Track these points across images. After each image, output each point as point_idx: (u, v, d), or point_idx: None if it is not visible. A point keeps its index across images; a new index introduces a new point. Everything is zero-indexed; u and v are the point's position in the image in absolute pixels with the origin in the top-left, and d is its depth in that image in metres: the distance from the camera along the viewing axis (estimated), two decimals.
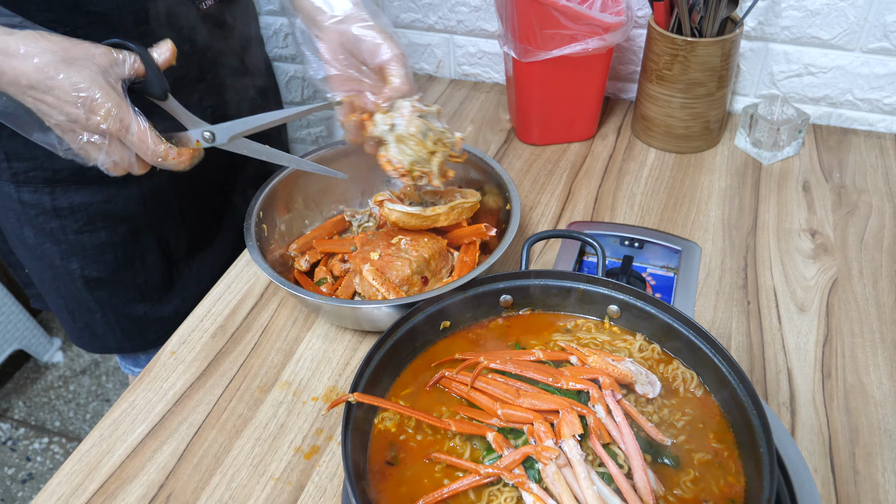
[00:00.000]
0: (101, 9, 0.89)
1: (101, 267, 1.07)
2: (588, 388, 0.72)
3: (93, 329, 1.14)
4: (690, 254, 1.01)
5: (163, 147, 0.78)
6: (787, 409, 0.80)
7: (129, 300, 1.12)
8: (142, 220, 1.06)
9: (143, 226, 1.07)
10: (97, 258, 1.06)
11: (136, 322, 1.14)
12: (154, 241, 1.09)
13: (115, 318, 1.13)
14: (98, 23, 0.89)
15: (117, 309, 1.12)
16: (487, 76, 1.47)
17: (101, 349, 1.19)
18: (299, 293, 0.85)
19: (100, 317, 1.12)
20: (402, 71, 0.85)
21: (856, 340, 0.88)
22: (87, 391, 2.35)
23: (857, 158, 1.19)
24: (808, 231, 1.05)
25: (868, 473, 0.74)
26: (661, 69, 1.14)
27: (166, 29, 0.95)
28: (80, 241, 1.04)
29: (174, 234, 1.12)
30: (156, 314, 1.15)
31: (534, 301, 0.86)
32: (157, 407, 0.87)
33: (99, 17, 0.89)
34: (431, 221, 0.95)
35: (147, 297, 1.13)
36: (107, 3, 0.89)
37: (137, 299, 1.12)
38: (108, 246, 1.05)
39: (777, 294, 0.95)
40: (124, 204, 1.03)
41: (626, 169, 1.20)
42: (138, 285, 1.11)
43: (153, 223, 1.08)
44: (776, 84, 1.26)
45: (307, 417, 0.84)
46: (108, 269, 1.07)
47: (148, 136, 0.76)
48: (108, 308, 1.11)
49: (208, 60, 1.04)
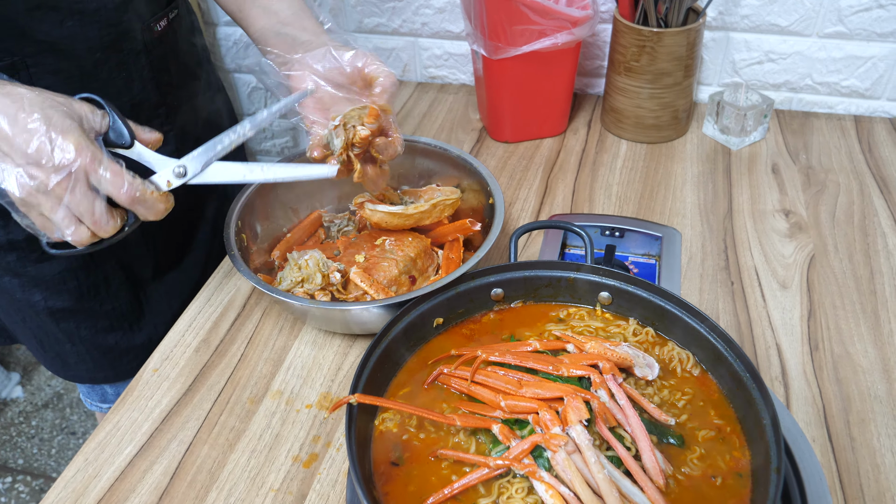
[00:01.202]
0: (51, 38, 0.86)
1: (64, 297, 1.03)
2: (589, 373, 0.72)
3: (64, 359, 1.11)
4: (671, 240, 1.02)
5: (139, 182, 0.71)
6: (780, 384, 0.82)
7: (99, 330, 1.08)
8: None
9: (103, 250, 1.02)
10: (59, 287, 1.02)
11: (108, 352, 1.10)
12: (117, 265, 1.06)
13: (86, 348, 1.09)
14: (48, 51, 0.86)
15: (86, 340, 1.08)
16: (454, 77, 1.47)
17: (75, 378, 1.15)
18: (286, 298, 0.83)
19: (69, 347, 1.08)
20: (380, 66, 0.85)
21: (838, 313, 0.90)
22: (51, 425, 2.26)
23: (821, 140, 1.22)
24: (781, 211, 1.07)
25: (864, 439, 0.76)
26: (629, 61, 1.16)
27: (120, 54, 0.93)
28: (40, 271, 1.00)
29: (138, 258, 1.08)
30: (127, 343, 1.11)
31: (525, 293, 0.86)
32: (143, 426, 0.84)
33: (49, 46, 0.86)
34: (415, 220, 0.95)
35: (117, 325, 1.09)
36: (56, 32, 0.86)
37: (107, 328, 1.08)
38: (69, 273, 1.01)
39: (759, 273, 0.96)
40: None
41: (599, 161, 1.21)
42: (106, 313, 1.07)
43: (114, 248, 1.03)
44: (738, 72, 1.29)
45: (302, 425, 0.82)
46: (72, 298, 1.03)
47: (123, 170, 0.70)
48: (77, 339, 1.08)
49: (165, 84, 1.02)
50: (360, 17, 1.43)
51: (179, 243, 1.16)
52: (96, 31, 0.88)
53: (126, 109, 0.96)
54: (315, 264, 0.89)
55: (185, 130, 1.08)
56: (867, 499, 0.71)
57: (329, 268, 0.90)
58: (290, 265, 0.92)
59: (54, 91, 0.70)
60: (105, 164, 0.69)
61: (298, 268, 0.89)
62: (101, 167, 0.68)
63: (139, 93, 0.98)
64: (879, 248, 0.99)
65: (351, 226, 1.05)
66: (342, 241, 0.98)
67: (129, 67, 0.95)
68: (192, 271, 1.17)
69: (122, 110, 0.86)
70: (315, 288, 0.89)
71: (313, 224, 1.05)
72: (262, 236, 1.01)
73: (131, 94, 0.97)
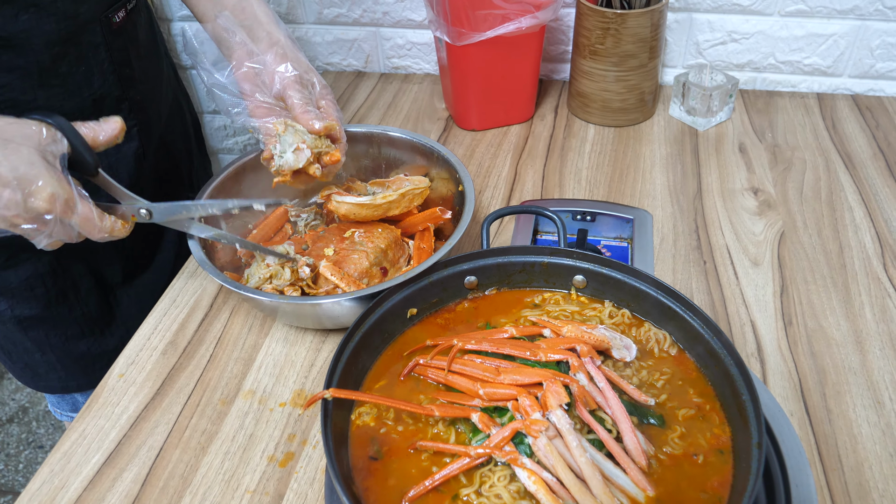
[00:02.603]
0: (6, 33, 0.82)
1: (32, 304, 0.99)
2: (567, 357, 0.71)
3: (34, 369, 1.07)
4: (642, 222, 1.02)
5: (108, 223, 0.74)
6: (756, 360, 0.82)
7: (69, 337, 1.05)
8: (68, 249, 0.99)
9: (70, 255, 1.00)
10: (26, 295, 0.99)
11: (80, 360, 1.07)
12: (85, 268, 1.03)
13: (56, 357, 1.05)
14: (3, 48, 0.83)
15: (56, 348, 1.04)
16: (418, 67, 1.45)
17: (46, 389, 1.12)
18: (255, 296, 0.81)
19: (39, 356, 1.05)
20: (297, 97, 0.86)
21: (810, 287, 0.90)
22: (18, 440, 2.19)
23: (786, 118, 1.23)
24: (750, 190, 1.08)
25: (840, 411, 0.76)
26: (594, 44, 1.15)
27: (79, 48, 0.90)
28: (5, 279, 0.97)
29: (106, 262, 1.05)
30: (99, 349, 1.08)
31: (499, 279, 0.85)
32: (111, 433, 0.81)
33: (4, 42, 0.83)
34: (384, 210, 0.93)
35: (87, 331, 1.06)
36: (11, 27, 0.82)
37: (77, 335, 1.05)
38: (36, 279, 0.98)
39: (730, 251, 0.97)
40: None
41: (568, 146, 1.21)
42: (76, 319, 1.04)
43: (81, 252, 1.01)
44: (702, 53, 1.30)
45: (277, 424, 0.80)
46: (40, 304, 1.00)
47: (94, 215, 0.72)
48: (47, 347, 1.04)
49: (127, 77, 0.99)
50: (320, 9, 1.40)
51: (148, 245, 1.13)
52: (53, 24, 0.85)
53: (88, 104, 0.93)
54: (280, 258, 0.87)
55: (148, 126, 1.05)
56: (846, 469, 0.71)
57: (298, 262, 0.87)
58: (256, 262, 0.89)
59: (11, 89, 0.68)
60: (77, 208, 0.70)
61: (266, 265, 0.87)
62: (74, 213, 0.70)
63: (100, 87, 0.95)
64: (847, 222, 1.00)
65: (318, 219, 1.03)
66: (310, 236, 0.96)
67: (89, 61, 0.92)
68: (162, 272, 1.14)
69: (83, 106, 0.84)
70: (284, 284, 0.87)
71: (279, 219, 1.03)
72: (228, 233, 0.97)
73: (92, 88, 0.94)
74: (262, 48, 0.88)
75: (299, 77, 0.87)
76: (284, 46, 0.88)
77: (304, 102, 0.86)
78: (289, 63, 0.87)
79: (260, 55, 0.88)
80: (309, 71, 0.90)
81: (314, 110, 0.87)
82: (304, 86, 0.88)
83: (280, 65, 0.87)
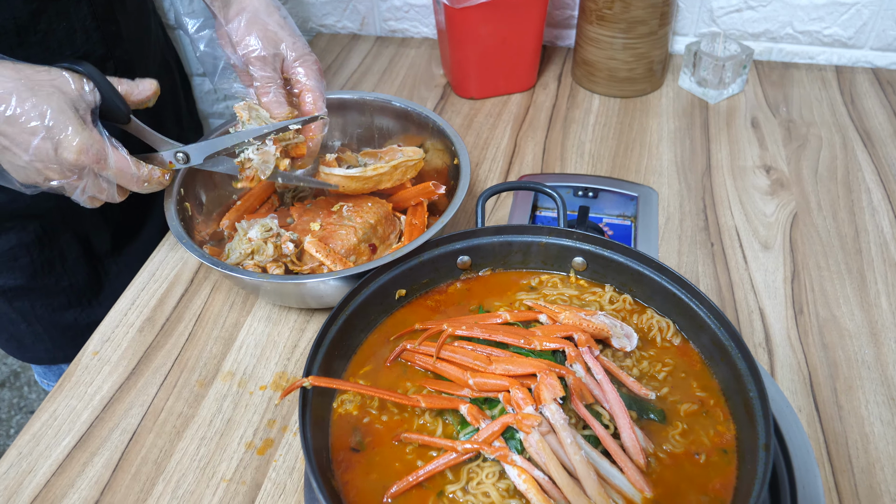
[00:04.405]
0: None
1: (17, 274, 0.96)
2: (563, 346, 0.67)
3: (20, 340, 1.04)
4: (647, 199, 0.97)
5: (146, 170, 0.73)
6: (763, 350, 0.77)
7: (56, 308, 1.01)
8: (55, 217, 0.95)
9: (57, 223, 0.96)
10: (11, 264, 0.95)
11: (67, 330, 1.04)
12: (72, 237, 0.99)
13: (43, 327, 1.02)
14: None
15: (43, 318, 1.01)
16: (416, 31, 1.38)
17: (33, 360, 1.09)
18: (234, 273, 0.76)
19: (25, 327, 1.02)
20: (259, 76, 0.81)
21: (823, 274, 0.85)
22: (9, 404, 2.17)
23: (802, 92, 1.17)
24: (762, 167, 1.02)
25: (851, 407, 0.72)
26: (602, 9, 1.08)
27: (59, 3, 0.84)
28: None
29: (95, 230, 1.01)
30: (87, 319, 1.04)
31: (494, 260, 0.80)
32: (82, 415, 0.77)
33: None
34: (374, 183, 0.88)
35: (75, 301, 1.02)
36: None
37: (64, 305, 1.02)
38: (21, 249, 0.94)
39: (739, 233, 0.91)
40: (33, 201, 0.92)
41: (571, 117, 1.15)
42: (63, 289, 1.01)
43: (68, 220, 0.97)
44: (716, 21, 1.23)
45: (256, 409, 0.76)
46: (25, 275, 0.96)
47: (129, 164, 0.70)
48: (33, 318, 1.01)
49: (111, 35, 0.93)
50: None
51: (137, 214, 1.09)
52: None
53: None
54: (263, 233, 0.82)
55: None
56: (856, 470, 0.67)
57: (281, 237, 0.82)
58: (238, 236, 0.84)
59: None
60: (110, 160, 0.68)
61: (248, 239, 0.82)
62: (107, 163, 0.68)
63: (83, 45, 0.89)
64: (864, 204, 0.95)
65: (306, 191, 0.98)
66: (296, 209, 0.91)
67: (71, 17, 0.87)
68: (151, 241, 1.10)
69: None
70: (267, 260, 0.82)
71: (265, 190, 0.98)
72: (210, 205, 0.93)
73: (74, 46, 0.88)
74: (231, 14, 0.82)
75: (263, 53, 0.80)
76: (254, 11, 0.81)
77: (264, 83, 0.80)
78: (254, 34, 0.80)
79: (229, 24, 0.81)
80: (280, 38, 0.82)
81: (277, 92, 0.80)
82: (266, 62, 0.80)
83: (245, 36, 0.80)
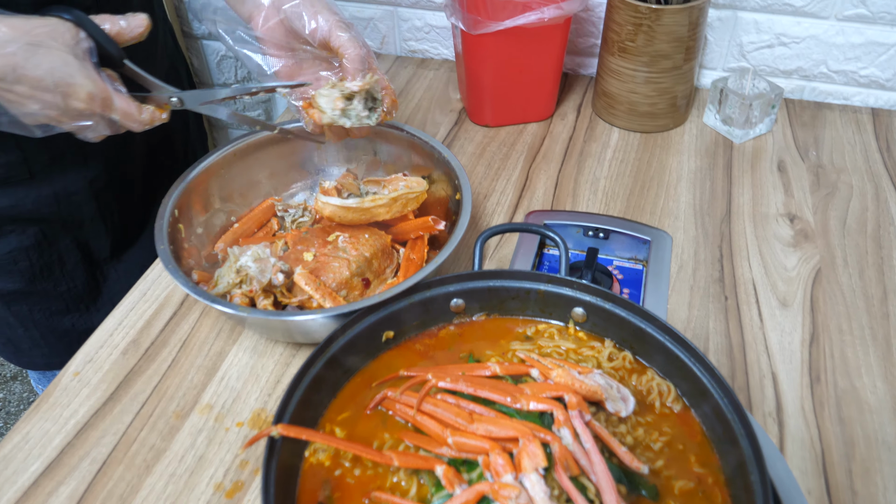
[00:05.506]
0: None
1: (15, 278, 0.95)
2: (552, 408, 0.62)
3: (17, 345, 1.03)
4: (661, 244, 0.91)
5: (147, 114, 0.75)
6: (773, 420, 0.72)
7: (54, 312, 1.00)
8: (55, 221, 0.94)
9: (57, 227, 0.95)
10: (10, 268, 0.94)
11: (64, 336, 1.02)
12: (72, 242, 0.97)
13: (40, 333, 1.01)
14: None
15: (41, 324, 1.00)
16: (436, 52, 1.35)
17: (29, 365, 1.09)
18: (217, 306, 0.73)
19: (22, 332, 1.01)
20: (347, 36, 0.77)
21: (845, 338, 0.79)
22: (19, 398, 2.19)
23: (834, 135, 1.11)
24: (786, 216, 0.96)
25: (867, 493, 0.66)
26: (624, 41, 1.04)
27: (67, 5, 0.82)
28: None
29: (94, 235, 1.00)
30: (85, 325, 1.03)
31: (489, 304, 0.75)
32: (55, 439, 0.74)
33: None
34: (371, 215, 0.84)
35: (73, 307, 1.01)
36: None
37: (62, 311, 1.01)
38: (21, 252, 0.93)
39: (756, 287, 0.86)
40: (34, 206, 0.91)
41: (587, 151, 1.10)
42: (61, 294, 0.99)
43: (68, 224, 0.96)
44: (746, 56, 1.17)
45: (230, 447, 0.73)
46: (24, 279, 0.95)
47: (132, 108, 0.73)
48: (30, 323, 1.00)
49: None
50: None
51: (137, 219, 1.07)
52: None
53: None
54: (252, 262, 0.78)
55: None
56: None
57: (272, 268, 0.79)
58: (229, 262, 0.81)
59: None
60: (115, 104, 0.71)
61: (237, 270, 0.79)
62: (113, 107, 0.71)
63: None
64: (895, 262, 0.88)
65: (307, 216, 0.95)
66: (291, 236, 0.87)
67: None
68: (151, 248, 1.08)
69: None
70: (256, 290, 0.79)
71: (265, 213, 0.95)
72: (207, 226, 0.90)
73: None
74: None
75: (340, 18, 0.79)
76: None
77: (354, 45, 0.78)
78: (326, 10, 0.79)
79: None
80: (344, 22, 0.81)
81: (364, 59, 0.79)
82: (349, 26, 0.79)
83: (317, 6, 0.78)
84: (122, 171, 0.99)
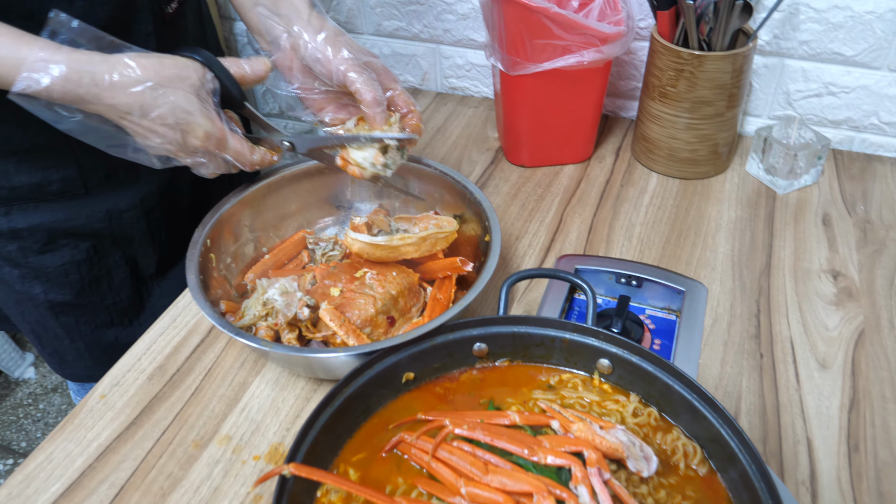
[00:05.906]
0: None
1: (65, 290, 0.98)
2: (570, 464, 0.60)
3: (62, 356, 1.06)
4: (695, 295, 0.89)
5: (258, 156, 0.79)
6: (806, 490, 0.68)
7: (99, 325, 1.03)
8: (107, 237, 0.98)
9: (108, 243, 0.98)
10: (61, 280, 0.97)
11: (107, 349, 1.05)
12: (121, 257, 1.01)
13: (85, 345, 1.04)
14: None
15: (86, 335, 1.03)
16: (476, 90, 1.35)
17: (73, 377, 1.12)
18: (241, 339, 0.73)
19: (68, 343, 1.04)
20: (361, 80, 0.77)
21: (888, 406, 0.75)
22: (58, 410, 2.23)
23: (884, 189, 1.07)
24: (829, 272, 0.93)
25: None
26: (665, 86, 1.02)
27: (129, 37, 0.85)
28: (42, 262, 0.95)
29: (142, 252, 1.03)
30: (127, 339, 1.05)
31: (513, 351, 0.74)
32: (77, 461, 0.75)
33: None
34: (399, 253, 0.84)
35: (117, 320, 1.04)
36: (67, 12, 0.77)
37: (107, 324, 1.03)
38: (72, 266, 0.97)
39: (794, 346, 0.82)
40: (87, 221, 0.95)
41: (624, 196, 1.08)
42: (107, 307, 1.02)
43: (119, 240, 0.99)
44: (792, 104, 1.15)
45: (246, 481, 0.72)
46: (73, 291, 0.99)
47: (245, 149, 0.77)
48: (76, 335, 1.03)
49: None
50: (380, 20, 1.32)
51: (183, 239, 1.09)
52: (107, 11, 0.82)
53: None
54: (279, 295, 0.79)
55: None
56: None
57: (298, 302, 0.79)
58: (256, 294, 0.82)
59: None
60: (229, 144, 0.75)
61: (263, 303, 0.79)
62: (227, 147, 0.75)
63: None
64: None
65: (337, 250, 0.95)
66: (320, 270, 0.88)
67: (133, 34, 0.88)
68: None
69: None
70: (281, 323, 0.79)
71: (296, 246, 0.96)
72: (237, 257, 0.91)
73: None
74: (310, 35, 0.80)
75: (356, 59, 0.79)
76: (332, 31, 0.80)
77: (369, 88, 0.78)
78: (344, 48, 0.78)
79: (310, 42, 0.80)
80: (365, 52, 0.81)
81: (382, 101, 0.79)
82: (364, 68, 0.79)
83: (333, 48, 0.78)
84: (172, 192, 1.02)
